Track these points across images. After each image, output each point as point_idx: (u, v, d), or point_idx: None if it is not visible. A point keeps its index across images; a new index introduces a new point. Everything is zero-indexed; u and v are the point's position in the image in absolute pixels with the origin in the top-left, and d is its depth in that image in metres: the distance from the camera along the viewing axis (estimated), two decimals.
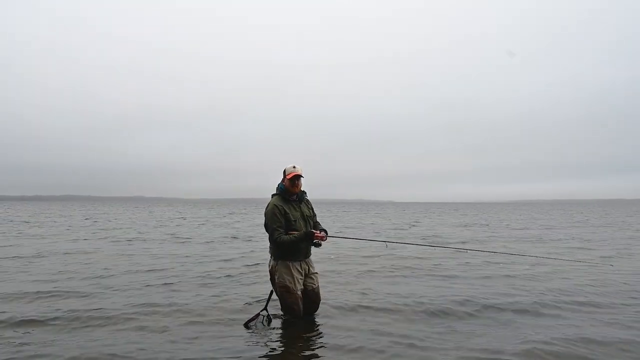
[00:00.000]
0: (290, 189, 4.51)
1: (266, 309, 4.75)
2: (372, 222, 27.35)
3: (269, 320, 4.69)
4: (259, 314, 4.73)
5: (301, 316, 4.60)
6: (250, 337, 4.34)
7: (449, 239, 15.33)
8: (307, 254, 4.63)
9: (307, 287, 4.64)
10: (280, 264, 4.50)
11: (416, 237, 15.92)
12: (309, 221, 4.62)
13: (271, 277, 4.63)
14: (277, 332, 4.48)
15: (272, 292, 4.75)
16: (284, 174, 4.55)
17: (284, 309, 4.64)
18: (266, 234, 4.56)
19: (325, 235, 4.56)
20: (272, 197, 4.57)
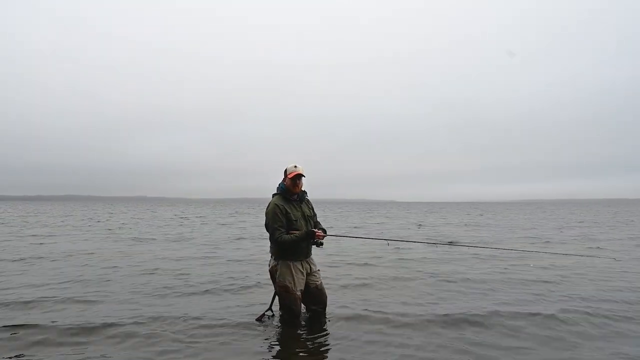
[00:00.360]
0: (291, 188, 4.51)
1: (270, 308, 4.77)
2: (380, 222, 26.77)
3: (273, 318, 4.73)
4: (264, 314, 4.77)
5: (299, 316, 4.61)
6: (254, 337, 4.36)
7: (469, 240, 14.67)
8: (308, 253, 4.63)
9: (310, 284, 4.63)
10: (281, 263, 4.50)
11: (440, 239, 15.02)
12: (309, 221, 4.62)
13: (271, 277, 4.64)
14: (281, 332, 4.50)
15: (276, 294, 4.73)
16: (285, 174, 4.55)
17: (282, 309, 4.63)
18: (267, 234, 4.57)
19: (323, 234, 4.56)
20: (273, 197, 4.57)
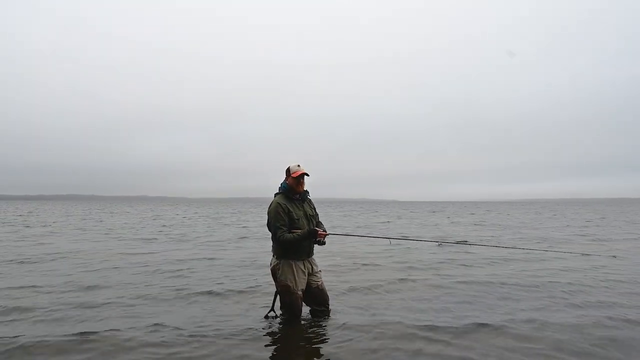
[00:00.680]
0: (295, 187, 4.53)
1: (273, 309, 4.77)
2: (397, 223, 26.33)
3: (280, 320, 4.72)
4: (267, 315, 4.78)
5: (300, 315, 4.63)
6: (255, 337, 4.36)
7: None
8: (310, 252, 4.63)
9: (312, 285, 4.63)
10: (283, 262, 4.50)
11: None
12: (311, 220, 4.62)
13: (273, 276, 4.63)
14: (282, 332, 4.50)
15: (277, 293, 4.72)
16: (288, 173, 4.56)
17: (283, 308, 4.64)
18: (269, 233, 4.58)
19: (326, 233, 4.57)
20: (275, 196, 4.58)
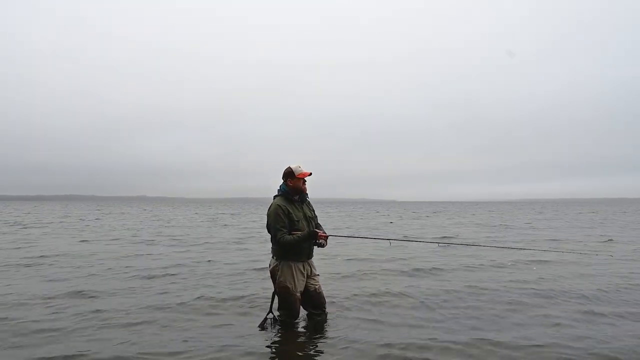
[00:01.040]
0: (300, 187, 4.55)
1: (271, 311, 4.75)
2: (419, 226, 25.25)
3: (276, 322, 4.71)
4: (266, 317, 4.76)
5: (297, 317, 4.65)
6: (253, 339, 4.37)
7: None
8: (310, 254, 4.64)
9: (309, 288, 4.64)
10: (282, 264, 4.50)
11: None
12: (311, 222, 4.64)
13: (272, 277, 4.63)
14: (280, 334, 4.50)
15: (275, 294, 4.73)
16: (291, 175, 4.54)
17: (281, 309, 4.63)
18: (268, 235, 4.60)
19: (326, 235, 4.58)
20: (275, 198, 4.59)
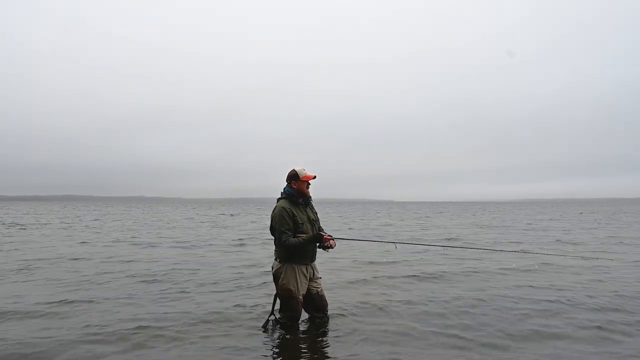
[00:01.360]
0: (304, 190, 4.55)
1: (273, 313, 4.74)
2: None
3: (277, 324, 4.71)
4: (268, 319, 4.75)
5: (299, 319, 4.64)
6: (254, 341, 4.38)
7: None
8: (313, 257, 4.62)
9: (312, 290, 4.63)
10: (286, 266, 4.48)
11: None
12: (314, 225, 4.63)
13: (275, 279, 4.62)
14: (281, 337, 4.50)
15: (277, 296, 4.71)
16: (295, 177, 4.53)
17: (283, 311, 4.62)
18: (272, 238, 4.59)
19: (332, 238, 4.54)
20: (279, 201, 4.57)
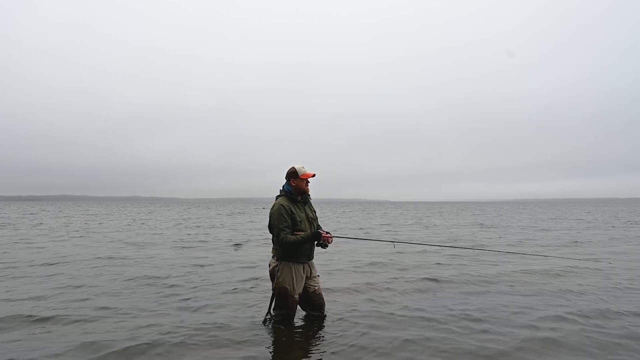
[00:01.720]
0: (303, 188, 4.57)
1: (270, 312, 4.73)
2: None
3: (272, 321, 4.69)
4: (265, 317, 4.75)
5: (293, 318, 4.63)
6: (249, 339, 4.33)
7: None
8: (311, 255, 4.63)
9: (309, 289, 4.64)
10: (283, 264, 4.48)
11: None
12: (313, 223, 4.65)
13: (271, 277, 4.62)
14: (276, 335, 4.48)
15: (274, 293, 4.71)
16: (294, 175, 4.56)
17: (277, 309, 4.61)
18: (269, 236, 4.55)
19: (331, 236, 4.55)
20: (277, 198, 4.59)
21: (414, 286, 6.88)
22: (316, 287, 4.68)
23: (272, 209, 4.52)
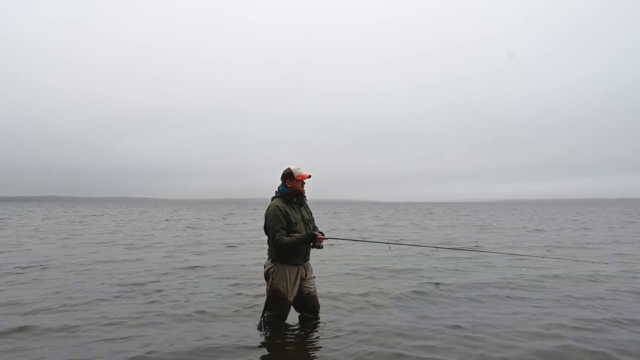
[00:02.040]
0: (298, 189, 4.51)
1: (264, 313, 4.65)
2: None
3: (266, 324, 4.62)
4: (261, 320, 4.68)
5: (285, 319, 4.59)
6: (252, 343, 4.25)
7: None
8: (306, 257, 4.59)
9: (304, 290, 4.58)
10: (277, 266, 4.44)
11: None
12: (308, 224, 4.61)
13: (266, 279, 4.57)
14: (269, 337, 4.44)
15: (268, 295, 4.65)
16: (290, 176, 4.51)
17: (269, 310, 4.55)
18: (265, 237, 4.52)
19: (325, 237, 4.54)
20: (273, 200, 4.54)
21: (409, 290, 6.63)
22: (311, 289, 4.64)
23: (267, 210, 4.49)
